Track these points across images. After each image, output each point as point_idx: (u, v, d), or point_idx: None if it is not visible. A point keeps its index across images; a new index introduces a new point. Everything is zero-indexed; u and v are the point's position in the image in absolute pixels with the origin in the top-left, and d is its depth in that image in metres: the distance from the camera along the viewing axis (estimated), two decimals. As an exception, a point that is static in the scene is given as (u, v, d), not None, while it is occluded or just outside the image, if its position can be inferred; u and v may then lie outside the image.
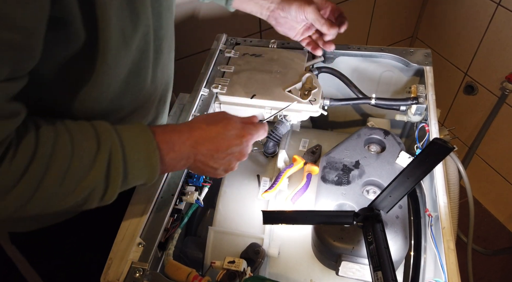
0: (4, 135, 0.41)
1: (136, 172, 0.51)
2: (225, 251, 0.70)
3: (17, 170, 0.42)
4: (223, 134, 0.59)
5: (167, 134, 0.55)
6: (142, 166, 0.51)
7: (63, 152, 0.45)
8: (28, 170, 0.43)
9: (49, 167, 0.44)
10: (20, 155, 0.43)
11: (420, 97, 0.80)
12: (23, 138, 0.43)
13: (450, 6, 1.51)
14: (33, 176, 0.43)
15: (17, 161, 0.42)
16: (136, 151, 0.50)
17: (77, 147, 0.46)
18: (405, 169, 0.55)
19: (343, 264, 0.62)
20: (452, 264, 0.59)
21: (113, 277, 0.58)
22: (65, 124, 0.48)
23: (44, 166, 0.44)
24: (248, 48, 0.94)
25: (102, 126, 0.50)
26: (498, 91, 1.45)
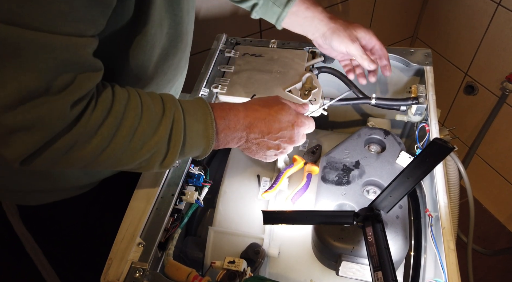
0: (92, 86, 0.46)
1: (193, 141, 0.55)
2: (225, 251, 0.70)
3: (96, 122, 0.47)
4: (276, 118, 0.62)
5: (224, 111, 0.58)
6: (200, 136, 0.55)
7: (134, 111, 0.50)
8: (104, 123, 0.47)
9: (121, 123, 0.49)
10: (100, 108, 0.47)
11: (420, 97, 0.80)
12: (101, 93, 0.48)
13: (450, 6, 1.51)
14: (107, 129, 0.48)
15: (96, 113, 0.47)
16: (196, 121, 0.54)
17: (146, 109, 0.51)
18: (405, 169, 0.55)
19: (343, 264, 0.62)
20: (452, 264, 0.59)
21: (113, 277, 0.58)
22: (136, 89, 0.53)
23: (118, 121, 0.48)
24: (248, 48, 0.94)
25: (168, 96, 0.54)
26: (498, 91, 1.45)
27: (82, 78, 0.44)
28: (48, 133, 0.44)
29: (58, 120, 0.44)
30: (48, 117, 0.43)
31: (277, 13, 0.81)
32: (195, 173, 0.74)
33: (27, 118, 0.42)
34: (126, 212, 0.66)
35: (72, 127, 0.45)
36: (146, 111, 0.51)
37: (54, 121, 0.44)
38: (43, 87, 0.41)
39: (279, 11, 0.80)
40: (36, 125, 0.43)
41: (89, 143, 0.47)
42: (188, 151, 0.55)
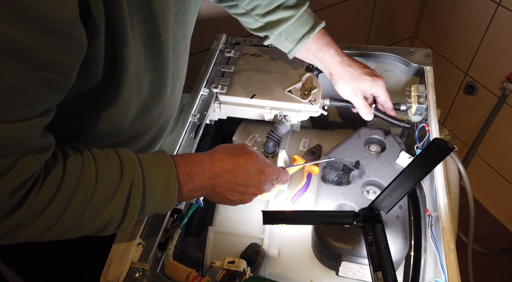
0: (36, 169, 0.43)
1: (153, 204, 0.53)
2: (225, 251, 0.70)
3: (42, 202, 0.44)
4: (243, 168, 0.60)
5: (189, 165, 0.56)
6: (160, 198, 0.53)
7: (87, 183, 0.47)
8: (52, 202, 0.44)
9: (72, 199, 0.46)
10: (47, 188, 0.44)
11: (420, 97, 0.80)
12: (51, 170, 0.45)
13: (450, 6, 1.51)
14: (56, 208, 0.45)
15: (43, 194, 0.44)
16: (156, 183, 0.52)
17: (101, 179, 0.48)
18: (405, 169, 0.55)
19: (343, 264, 0.62)
20: (452, 264, 0.59)
21: (112, 277, 0.58)
22: (92, 154, 0.49)
23: (68, 198, 0.45)
24: (248, 48, 0.94)
25: (127, 157, 0.51)
26: (498, 91, 1.45)
27: (24, 162, 0.41)
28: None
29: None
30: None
31: (289, 47, 0.81)
32: (195, 173, 0.73)
33: None
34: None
35: (13, 212, 0.42)
36: (101, 180, 0.48)
37: None
38: None
39: (291, 46, 0.80)
40: None
41: (34, 223, 0.44)
42: (147, 212, 0.53)
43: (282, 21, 0.77)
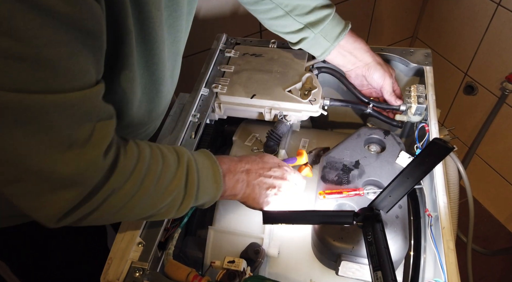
0: (113, 133, 0.48)
1: (205, 186, 0.59)
2: (225, 251, 0.70)
3: (129, 167, 0.50)
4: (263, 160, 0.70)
5: (225, 158, 0.65)
6: (210, 182, 0.60)
7: (156, 159, 0.54)
8: (135, 169, 0.50)
9: (148, 169, 0.52)
10: (130, 155, 0.50)
11: (420, 97, 0.80)
12: (127, 144, 0.51)
13: (450, 6, 1.51)
14: (138, 174, 0.50)
15: (128, 160, 0.50)
16: (205, 168, 0.60)
17: (164, 157, 0.55)
18: (405, 169, 0.55)
19: (343, 264, 0.62)
20: (452, 264, 0.59)
21: (113, 276, 0.58)
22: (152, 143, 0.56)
23: (145, 167, 0.51)
24: (248, 48, 0.94)
25: (178, 147, 0.60)
26: (498, 92, 1.45)
27: (102, 126, 0.46)
28: (88, 186, 0.45)
29: (95, 172, 0.45)
30: (86, 170, 0.44)
31: (324, 47, 0.83)
32: (195, 172, 0.74)
33: (68, 175, 0.43)
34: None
35: (109, 176, 0.47)
36: (165, 159, 0.55)
37: (92, 173, 0.45)
38: (67, 143, 0.42)
39: (328, 45, 0.82)
40: (78, 180, 0.44)
41: (122, 189, 0.49)
42: (201, 195, 0.59)
43: (321, 20, 0.80)
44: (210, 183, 0.60)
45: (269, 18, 0.84)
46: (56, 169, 0.42)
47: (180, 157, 0.57)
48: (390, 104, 0.87)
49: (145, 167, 0.51)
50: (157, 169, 0.53)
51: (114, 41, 0.50)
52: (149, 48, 0.57)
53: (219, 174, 0.61)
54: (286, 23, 0.82)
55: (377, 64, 0.85)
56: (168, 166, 0.55)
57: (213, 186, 0.60)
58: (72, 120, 0.42)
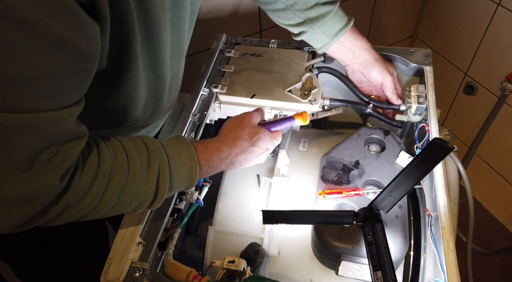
0: (78, 154, 0.46)
1: (178, 184, 0.58)
2: (225, 251, 0.70)
3: (85, 185, 0.47)
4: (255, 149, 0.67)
5: (208, 153, 0.61)
6: (184, 180, 0.58)
7: (120, 168, 0.51)
8: (93, 184, 0.48)
9: (109, 182, 0.50)
10: (87, 171, 0.48)
11: (420, 97, 0.80)
12: (87, 157, 0.48)
13: (450, 6, 1.51)
14: (97, 189, 0.48)
15: (85, 177, 0.47)
16: (180, 167, 0.57)
17: (132, 164, 0.52)
18: (405, 169, 0.55)
19: (343, 263, 0.62)
20: (452, 264, 0.59)
21: (113, 276, 0.58)
22: (120, 142, 0.53)
23: (106, 181, 0.49)
24: (248, 48, 0.94)
25: (152, 144, 0.55)
26: (498, 91, 1.45)
27: (66, 149, 0.44)
28: (39, 206, 0.44)
29: (48, 193, 0.44)
30: (38, 192, 0.43)
31: (323, 42, 0.84)
32: (195, 172, 0.74)
33: (17, 195, 0.42)
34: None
35: (62, 195, 0.46)
36: (132, 166, 0.52)
37: (45, 195, 0.44)
38: (26, 164, 0.41)
39: (327, 41, 0.83)
40: (27, 200, 0.43)
41: (79, 205, 0.48)
42: (174, 191, 0.59)
43: (321, 16, 0.81)
44: (184, 180, 0.58)
45: (271, 9, 0.85)
46: (6, 188, 0.41)
47: (151, 160, 0.54)
48: (391, 102, 0.87)
49: (105, 181, 0.49)
50: (120, 180, 0.50)
51: (119, 46, 0.50)
52: (154, 51, 0.57)
53: (195, 172, 0.58)
54: (287, 16, 0.83)
55: (375, 61, 0.85)
56: (135, 175, 0.52)
57: (187, 182, 0.58)
58: (36, 141, 0.41)
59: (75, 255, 0.87)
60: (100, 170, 0.49)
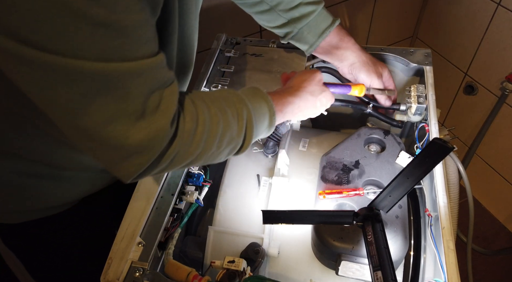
0: (177, 100, 0.49)
1: (260, 132, 0.63)
2: (225, 251, 0.70)
3: (190, 133, 0.51)
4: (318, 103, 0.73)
5: (282, 105, 0.67)
6: (265, 128, 0.64)
7: (216, 118, 0.54)
8: (196, 133, 0.52)
9: (209, 130, 0.53)
10: (189, 121, 0.51)
11: (420, 97, 0.80)
12: (185, 108, 0.52)
13: (450, 6, 1.51)
14: (200, 138, 0.52)
15: (188, 125, 0.51)
16: (262, 115, 0.62)
17: (223, 114, 0.56)
18: (405, 169, 0.55)
19: (343, 263, 0.62)
20: (452, 264, 0.59)
21: (113, 276, 0.58)
22: (210, 95, 0.57)
23: (206, 129, 0.53)
24: (248, 48, 0.94)
25: (236, 95, 0.59)
26: (498, 91, 1.45)
27: (168, 94, 0.47)
28: (155, 153, 0.48)
29: (163, 139, 0.47)
30: (155, 139, 0.46)
31: (310, 42, 0.84)
32: (195, 172, 0.74)
33: (138, 143, 0.45)
34: (126, 212, 0.66)
35: (172, 142, 0.49)
36: (224, 115, 0.56)
37: (160, 141, 0.47)
38: (140, 112, 0.44)
39: (313, 40, 0.83)
40: (146, 148, 0.46)
41: (187, 152, 0.52)
42: (256, 138, 0.63)
43: (305, 16, 0.81)
44: (264, 128, 0.63)
45: (255, 12, 0.85)
46: (129, 137, 0.44)
47: (239, 110, 0.58)
48: (380, 103, 0.86)
49: (206, 129, 0.53)
50: (218, 129, 0.55)
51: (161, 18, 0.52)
52: (185, 29, 0.60)
53: (273, 120, 0.64)
54: (271, 18, 0.83)
55: (362, 65, 0.84)
56: (228, 124, 0.56)
57: (267, 129, 0.64)
58: (144, 88, 0.44)
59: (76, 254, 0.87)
60: (200, 120, 0.52)
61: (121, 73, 0.41)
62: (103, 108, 0.42)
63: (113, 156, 0.46)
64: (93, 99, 0.41)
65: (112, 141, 0.44)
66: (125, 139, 0.44)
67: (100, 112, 0.42)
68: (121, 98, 0.42)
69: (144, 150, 0.46)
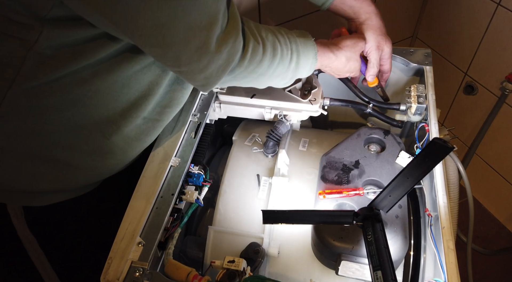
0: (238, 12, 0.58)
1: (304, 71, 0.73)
2: (225, 251, 0.70)
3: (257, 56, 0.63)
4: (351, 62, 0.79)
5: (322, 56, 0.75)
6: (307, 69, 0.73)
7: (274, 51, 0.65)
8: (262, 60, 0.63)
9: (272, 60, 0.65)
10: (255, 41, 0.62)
11: (420, 97, 0.80)
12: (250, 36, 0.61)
13: (450, 6, 1.51)
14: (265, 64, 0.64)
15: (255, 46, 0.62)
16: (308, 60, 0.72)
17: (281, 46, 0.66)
18: (405, 169, 0.55)
19: (343, 263, 0.62)
20: (452, 264, 0.59)
21: (113, 276, 0.58)
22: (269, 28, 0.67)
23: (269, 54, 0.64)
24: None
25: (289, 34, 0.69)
26: (498, 91, 1.45)
27: (232, 13, 0.56)
28: (231, 65, 0.58)
29: (237, 50, 0.58)
30: (233, 52, 0.57)
31: None
32: (195, 172, 0.74)
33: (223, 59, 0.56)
34: (126, 211, 0.66)
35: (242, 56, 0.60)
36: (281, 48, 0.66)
37: (236, 52, 0.58)
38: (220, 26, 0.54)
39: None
40: (227, 61, 0.57)
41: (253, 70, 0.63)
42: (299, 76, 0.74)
43: None
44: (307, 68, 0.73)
45: None
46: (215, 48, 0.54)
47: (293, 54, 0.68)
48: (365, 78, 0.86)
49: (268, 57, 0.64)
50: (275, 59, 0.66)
51: None
52: None
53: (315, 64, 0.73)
54: None
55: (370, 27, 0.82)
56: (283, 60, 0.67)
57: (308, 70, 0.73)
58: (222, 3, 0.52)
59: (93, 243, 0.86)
60: (263, 43, 0.63)
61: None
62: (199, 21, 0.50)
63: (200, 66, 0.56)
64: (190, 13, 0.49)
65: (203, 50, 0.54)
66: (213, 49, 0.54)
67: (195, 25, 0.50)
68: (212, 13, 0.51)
69: (223, 59, 0.56)
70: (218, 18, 0.53)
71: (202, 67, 0.56)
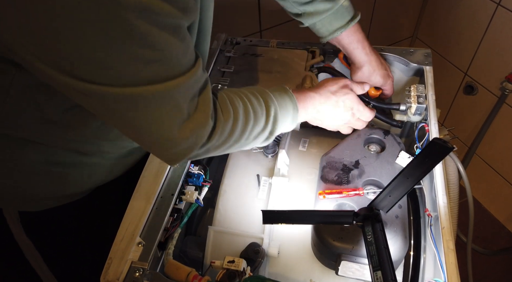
0: (211, 96, 0.57)
1: (284, 127, 0.69)
2: (224, 251, 0.70)
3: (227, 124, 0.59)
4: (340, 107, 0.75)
5: (306, 103, 0.72)
6: (289, 124, 0.70)
7: (248, 116, 0.62)
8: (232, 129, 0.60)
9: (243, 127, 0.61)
10: (226, 115, 0.59)
11: (420, 97, 0.80)
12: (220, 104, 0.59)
13: (450, 6, 1.51)
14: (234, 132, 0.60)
15: (225, 117, 0.58)
16: (287, 113, 0.68)
17: (255, 112, 0.63)
18: (405, 169, 0.55)
19: (343, 263, 0.62)
20: (452, 264, 0.59)
21: (113, 276, 0.58)
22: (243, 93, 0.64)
23: (240, 125, 0.61)
24: (248, 48, 0.94)
25: (265, 94, 0.66)
26: (498, 91, 1.45)
27: (204, 94, 0.55)
28: (199, 143, 0.56)
29: (205, 132, 0.56)
30: (201, 134, 0.55)
31: (321, 35, 0.84)
32: (195, 172, 0.74)
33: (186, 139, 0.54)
34: (126, 212, 0.66)
35: (212, 134, 0.57)
36: (255, 113, 0.63)
37: (203, 134, 0.56)
38: (186, 114, 0.53)
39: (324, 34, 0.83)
40: (192, 140, 0.55)
41: (223, 142, 0.60)
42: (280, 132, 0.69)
43: (318, 13, 0.80)
44: (289, 124, 0.69)
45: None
46: (178, 135, 0.53)
47: (268, 111, 0.65)
48: None
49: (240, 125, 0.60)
50: (248, 125, 0.62)
51: None
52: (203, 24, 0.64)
53: (296, 118, 0.70)
54: (287, 6, 0.83)
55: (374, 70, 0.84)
56: (257, 121, 0.63)
57: (291, 125, 0.70)
58: (188, 94, 0.52)
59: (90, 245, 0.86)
60: (235, 114, 0.60)
61: (171, 90, 0.49)
62: (161, 117, 0.50)
63: (165, 147, 0.55)
64: (153, 112, 0.49)
65: (165, 139, 0.53)
66: (175, 138, 0.53)
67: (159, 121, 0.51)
68: (173, 108, 0.50)
69: (190, 142, 0.55)
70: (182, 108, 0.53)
71: (167, 148, 0.56)
